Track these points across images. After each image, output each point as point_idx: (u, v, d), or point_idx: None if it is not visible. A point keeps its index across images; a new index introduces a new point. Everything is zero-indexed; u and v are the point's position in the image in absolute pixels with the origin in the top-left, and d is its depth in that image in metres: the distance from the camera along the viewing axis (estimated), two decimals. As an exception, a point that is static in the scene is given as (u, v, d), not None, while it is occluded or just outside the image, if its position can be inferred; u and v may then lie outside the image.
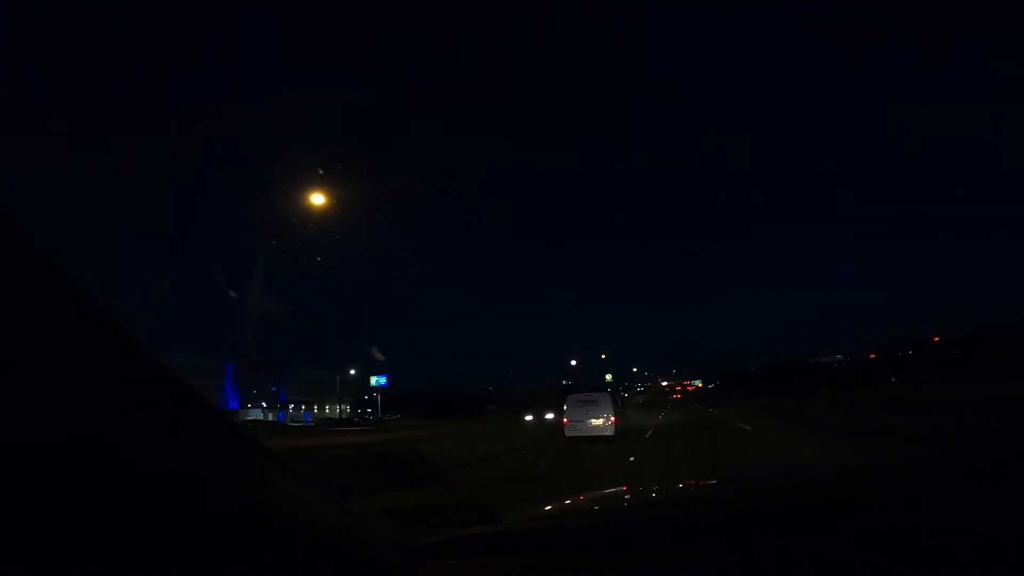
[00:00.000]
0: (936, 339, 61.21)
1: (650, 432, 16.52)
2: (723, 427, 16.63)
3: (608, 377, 77.02)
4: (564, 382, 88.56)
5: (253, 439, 0.65)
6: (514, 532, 1.20)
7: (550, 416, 23.75)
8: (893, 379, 38.42)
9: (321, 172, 16.07)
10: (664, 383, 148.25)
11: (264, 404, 52.69)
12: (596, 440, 14.35)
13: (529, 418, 26.08)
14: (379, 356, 49.57)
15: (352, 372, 59.26)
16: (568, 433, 15.01)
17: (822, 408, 20.90)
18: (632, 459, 9.91)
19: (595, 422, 14.81)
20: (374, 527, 0.87)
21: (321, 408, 58.96)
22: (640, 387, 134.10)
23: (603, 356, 44.12)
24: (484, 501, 1.27)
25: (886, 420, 13.86)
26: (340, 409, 59.09)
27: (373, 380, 54.40)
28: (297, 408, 55.57)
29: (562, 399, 16.96)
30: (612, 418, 14.75)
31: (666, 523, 1.16)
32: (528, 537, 1.16)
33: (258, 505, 0.61)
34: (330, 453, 9.03)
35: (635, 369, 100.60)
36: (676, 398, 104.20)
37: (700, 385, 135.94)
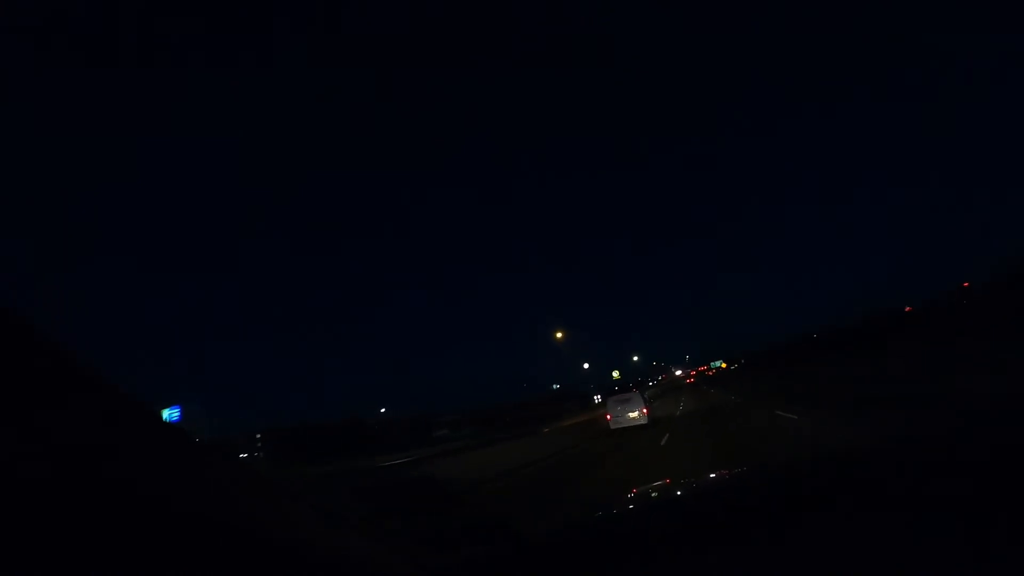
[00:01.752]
0: (966, 284, 57.35)
1: None
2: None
3: (615, 374, 71.22)
4: (554, 386, 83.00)
5: (242, 462, 0.67)
6: (531, 549, 1.19)
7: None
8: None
9: None
10: (678, 372, 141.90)
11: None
12: (633, 429, 18.13)
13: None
14: None
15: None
16: (612, 425, 18.98)
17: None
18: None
19: (632, 415, 18.77)
20: (390, 547, 0.86)
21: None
22: (651, 382, 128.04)
23: (559, 335, 35.94)
24: (504, 517, 1.25)
25: None
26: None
27: (164, 414, 47.51)
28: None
29: (540, 417, 17.02)
30: (644, 410, 18.98)
31: (686, 524, 1.14)
32: (545, 553, 1.16)
33: (258, 526, 0.60)
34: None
35: (636, 358, 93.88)
36: (690, 382, 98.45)
37: (724, 366, 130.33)
